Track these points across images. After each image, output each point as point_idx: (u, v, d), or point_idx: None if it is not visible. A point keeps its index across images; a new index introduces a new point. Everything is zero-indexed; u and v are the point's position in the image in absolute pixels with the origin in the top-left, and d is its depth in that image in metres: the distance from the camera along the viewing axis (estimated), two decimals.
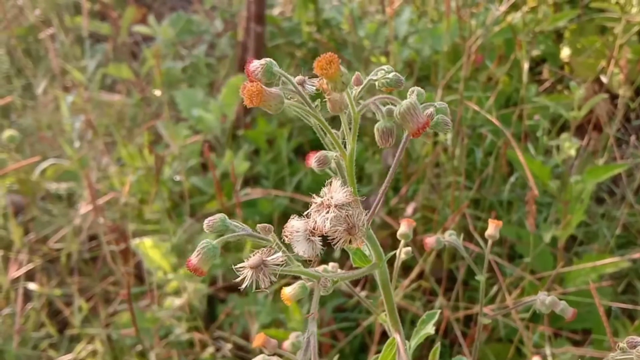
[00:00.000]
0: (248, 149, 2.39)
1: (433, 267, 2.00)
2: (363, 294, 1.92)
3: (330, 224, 0.54)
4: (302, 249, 0.56)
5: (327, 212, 0.54)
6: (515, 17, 2.43)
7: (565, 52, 2.54)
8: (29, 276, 2.15)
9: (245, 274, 0.54)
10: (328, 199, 0.55)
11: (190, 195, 2.26)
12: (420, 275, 1.99)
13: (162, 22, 2.94)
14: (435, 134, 2.20)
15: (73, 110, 2.55)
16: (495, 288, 1.88)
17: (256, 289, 0.54)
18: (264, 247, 0.57)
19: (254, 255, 0.55)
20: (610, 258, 1.81)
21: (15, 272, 2.10)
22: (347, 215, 0.55)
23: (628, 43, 2.32)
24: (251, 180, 2.42)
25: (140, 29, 2.97)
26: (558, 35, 2.68)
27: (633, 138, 2.22)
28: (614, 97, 2.37)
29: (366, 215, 0.56)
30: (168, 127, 2.33)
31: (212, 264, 1.75)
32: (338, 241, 0.55)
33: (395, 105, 0.54)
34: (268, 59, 0.55)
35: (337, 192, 0.55)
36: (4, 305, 2.03)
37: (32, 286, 2.08)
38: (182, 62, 2.82)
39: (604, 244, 2.01)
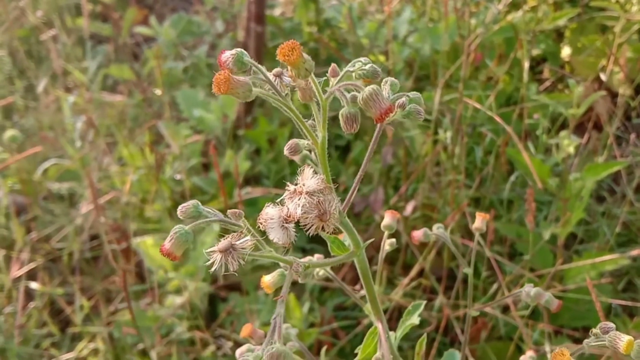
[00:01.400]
0: (249, 148, 2.40)
1: (433, 265, 2.01)
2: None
3: (302, 210, 0.55)
4: (276, 235, 0.57)
5: (299, 199, 0.55)
6: (516, 16, 2.43)
7: (565, 51, 2.55)
8: (31, 275, 2.16)
9: (214, 257, 0.55)
10: (300, 186, 0.56)
11: (191, 194, 2.27)
12: (421, 274, 1.99)
13: (164, 23, 2.95)
14: (435, 132, 2.20)
15: (75, 111, 2.57)
16: (495, 286, 1.88)
17: (225, 272, 0.55)
18: (234, 232, 0.58)
19: (223, 239, 0.56)
20: (609, 255, 1.81)
21: (17, 271, 2.11)
22: (318, 201, 0.56)
23: (628, 41, 2.32)
24: (252, 179, 2.43)
25: (142, 30, 2.98)
26: (558, 34, 2.68)
27: (633, 136, 2.22)
28: (614, 95, 2.37)
29: (339, 202, 0.57)
30: (169, 127, 2.34)
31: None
32: (310, 227, 0.56)
33: (359, 92, 0.55)
34: (239, 49, 0.56)
35: (308, 179, 0.56)
36: (6, 304, 2.04)
37: (34, 285, 2.09)
38: (183, 62, 2.83)
39: (604, 242, 2.02)
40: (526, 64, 2.25)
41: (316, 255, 0.77)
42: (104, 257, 2.23)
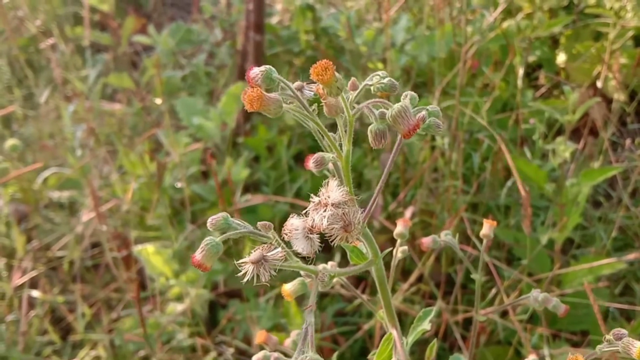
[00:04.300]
0: (248, 156, 2.41)
1: (432, 270, 2.02)
2: (364, 297, 1.94)
3: (328, 221, 0.56)
4: (300, 246, 0.58)
5: (325, 211, 0.57)
6: (511, 24, 2.45)
7: (560, 58, 2.57)
8: (32, 283, 2.17)
9: (246, 268, 0.57)
10: (325, 198, 0.58)
11: (191, 202, 2.28)
12: (420, 279, 2.01)
13: (162, 32, 2.97)
14: (433, 139, 2.22)
15: (74, 120, 2.58)
16: (493, 291, 1.90)
17: (257, 282, 0.56)
18: (264, 244, 0.59)
19: (254, 251, 0.57)
20: (606, 260, 1.83)
21: (18, 280, 2.12)
22: (343, 213, 0.57)
23: (623, 48, 2.34)
24: (251, 186, 2.44)
25: (140, 38, 2.99)
26: (554, 41, 2.70)
27: (628, 141, 2.25)
28: (609, 101, 2.40)
29: (362, 213, 0.59)
30: (168, 135, 2.36)
31: (214, 271, 1.76)
32: (335, 238, 0.57)
33: (388, 109, 0.57)
34: (268, 66, 0.58)
35: (333, 191, 0.58)
36: (7, 312, 2.05)
37: (35, 293, 2.10)
38: (182, 71, 2.84)
39: (601, 247, 2.03)
40: (521, 71, 2.27)
41: (330, 263, 0.79)
42: (105, 265, 2.24)
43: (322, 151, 0.67)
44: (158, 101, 2.64)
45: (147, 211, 2.29)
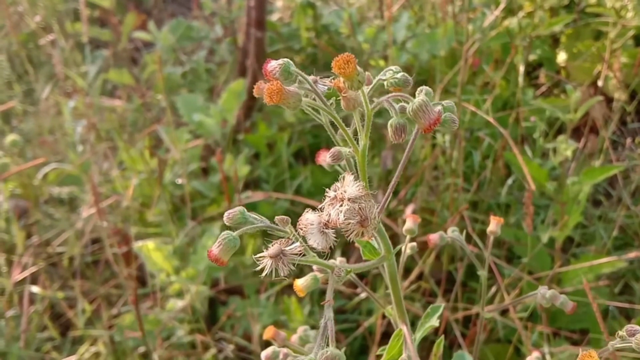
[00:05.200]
0: (248, 153, 2.41)
1: (432, 268, 2.02)
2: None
3: (344, 216, 0.56)
4: (316, 241, 0.58)
5: (341, 205, 0.57)
6: (512, 22, 2.45)
7: (561, 57, 2.57)
8: (32, 279, 2.16)
9: (264, 263, 0.57)
10: (341, 193, 0.57)
11: (191, 198, 2.28)
12: (420, 277, 2.01)
13: (162, 28, 2.96)
14: (434, 137, 2.22)
15: (74, 116, 2.57)
16: (494, 289, 1.90)
17: (275, 277, 0.56)
18: (281, 238, 0.59)
19: (272, 245, 0.57)
20: (606, 258, 1.83)
21: (18, 275, 2.11)
22: (359, 208, 0.57)
23: (623, 47, 2.34)
24: (252, 183, 2.44)
25: (141, 35, 2.99)
26: (554, 40, 2.71)
27: (629, 140, 2.25)
28: (610, 100, 2.40)
29: (377, 208, 0.59)
30: (169, 131, 2.35)
31: (214, 268, 1.75)
32: (351, 233, 0.57)
33: (408, 103, 0.57)
34: (286, 59, 0.58)
35: (350, 186, 0.57)
36: (7, 308, 2.04)
37: (35, 289, 2.10)
38: (182, 67, 2.84)
39: (601, 246, 2.04)
40: (521, 69, 2.27)
41: (339, 259, 0.79)
42: (105, 261, 2.24)
43: (322, 148, 0.67)
44: (161, 97, 2.64)
45: (147, 207, 2.29)
